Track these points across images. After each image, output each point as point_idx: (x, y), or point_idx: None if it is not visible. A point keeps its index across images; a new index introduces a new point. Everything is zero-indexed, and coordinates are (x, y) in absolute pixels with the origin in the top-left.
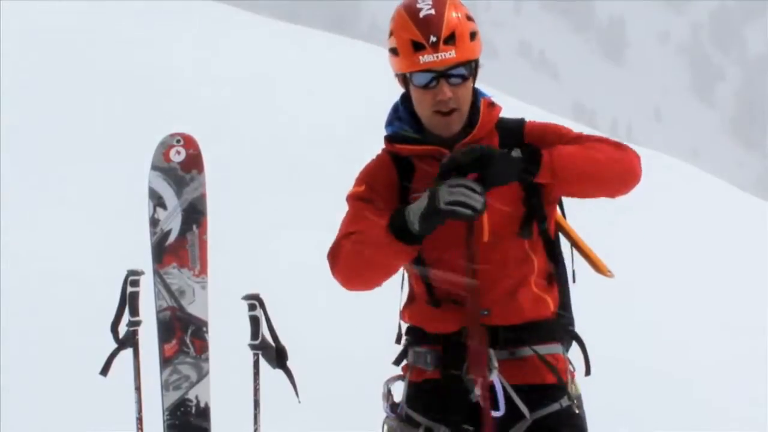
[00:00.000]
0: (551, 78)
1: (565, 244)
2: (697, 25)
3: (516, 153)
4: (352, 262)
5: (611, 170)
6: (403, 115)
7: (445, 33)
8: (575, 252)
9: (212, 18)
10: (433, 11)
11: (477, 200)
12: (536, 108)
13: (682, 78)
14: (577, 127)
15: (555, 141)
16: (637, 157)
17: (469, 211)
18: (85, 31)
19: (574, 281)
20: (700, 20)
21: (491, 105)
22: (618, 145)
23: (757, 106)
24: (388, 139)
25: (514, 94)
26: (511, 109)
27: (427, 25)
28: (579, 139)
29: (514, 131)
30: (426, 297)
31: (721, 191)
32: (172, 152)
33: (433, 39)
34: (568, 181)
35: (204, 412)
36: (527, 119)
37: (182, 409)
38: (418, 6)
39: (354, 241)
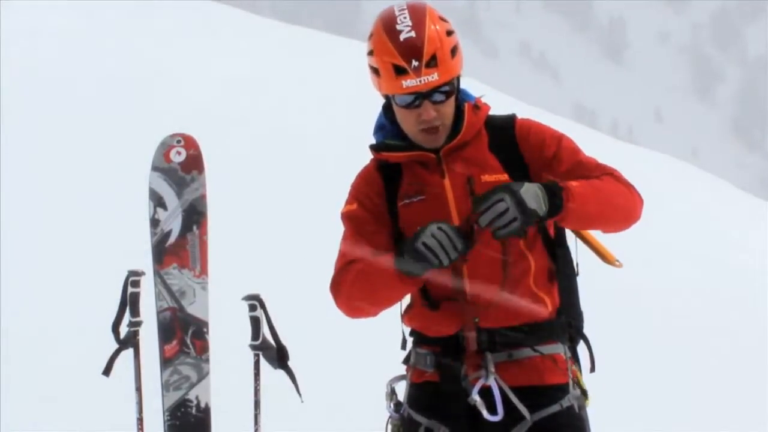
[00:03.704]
0: (551, 78)
1: (570, 238)
2: (697, 25)
3: (537, 190)
4: (356, 294)
5: (617, 214)
6: (386, 123)
7: (426, 56)
8: (579, 245)
9: (212, 18)
10: (413, 33)
11: (448, 253)
12: (536, 108)
13: (682, 78)
14: (577, 128)
15: (560, 156)
16: (641, 200)
17: (435, 260)
18: (85, 32)
19: (577, 273)
20: (700, 20)
21: (476, 107)
22: (630, 188)
23: (757, 106)
24: (374, 149)
25: (514, 94)
26: (511, 109)
27: (409, 50)
28: (590, 168)
29: (504, 129)
30: (422, 300)
31: (721, 191)
32: (173, 153)
33: (415, 64)
34: (577, 224)
35: (204, 413)
36: (518, 115)
37: (183, 409)
38: (398, 27)
39: (356, 274)
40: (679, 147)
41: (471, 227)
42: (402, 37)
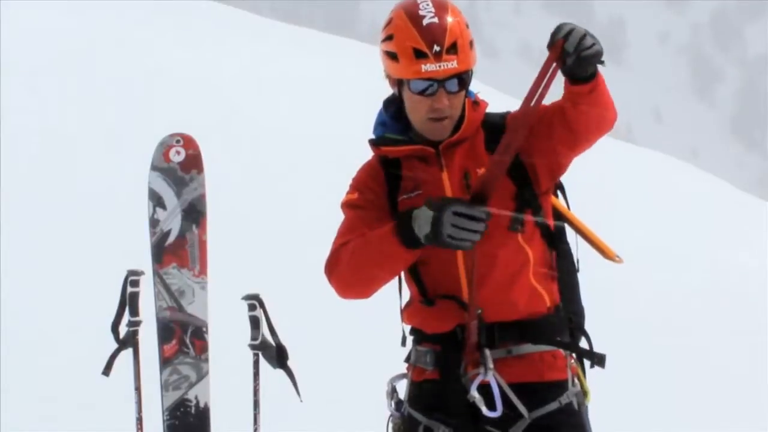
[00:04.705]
0: None
1: (570, 236)
2: (697, 25)
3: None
4: (351, 269)
5: (612, 108)
6: (386, 119)
7: (448, 42)
8: (579, 242)
9: (212, 18)
10: (436, 19)
11: (477, 233)
12: None
13: (682, 78)
14: None
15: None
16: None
17: (468, 243)
18: (86, 32)
19: (577, 269)
20: (700, 20)
21: (475, 103)
22: None
23: (757, 106)
24: (373, 143)
25: (514, 94)
26: (511, 109)
27: (431, 34)
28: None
29: (497, 126)
30: (419, 297)
31: (721, 191)
32: (172, 152)
33: (436, 48)
34: (598, 97)
35: (204, 413)
36: (512, 111)
37: (182, 409)
38: (421, 13)
39: (353, 248)
40: (678, 147)
41: (481, 193)
42: (425, 22)
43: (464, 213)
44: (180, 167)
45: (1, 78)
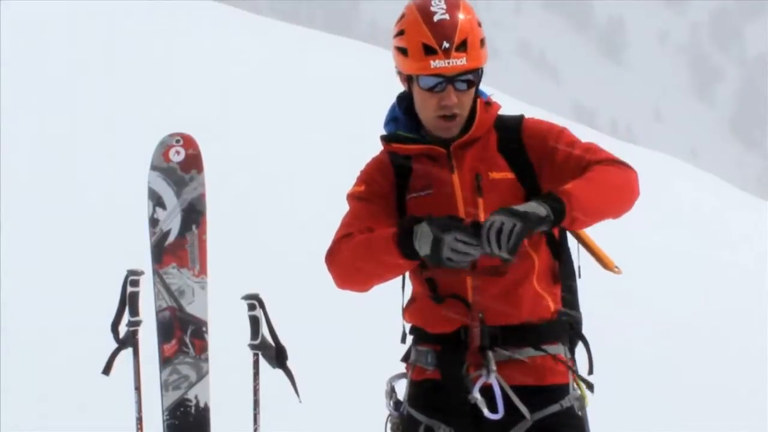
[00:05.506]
0: (551, 78)
1: (572, 242)
2: (697, 25)
3: (532, 203)
4: (350, 265)
5: (619, 199)
6: (399, 115)
7: (457, 40)
8: (581, 249)
9: (212, 18)
10: (447, 16)
11: (473, 255)
12: (536, 108)
13: (682, 78)
14: (577, 128)
15: (556, 147)
16: (636, 174)
17: (465, 264)
18: (85, 32)
19: (579, 276)
20: (700, 20)
21: (488, 104)
22: (620, 166)
23: (757, 105)
24: (385, 140)
25: (514, 94)
26: (510, 109)
27: (441, 30)
28: (584, 158)
29: (512, 129)
30: (429, 293)
31: (720, 191)
32: (172, 152)
33: (446, 45)
34: (586, 222)
35: (203, 412)
36: (526, 116)
37: (182, 409)
38: (433, 9)
39: (355, 245)
40: (678, 146)
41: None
42: (436, 18)
43: (464, 240)
44: (180, 167)
45: (1, 78)
